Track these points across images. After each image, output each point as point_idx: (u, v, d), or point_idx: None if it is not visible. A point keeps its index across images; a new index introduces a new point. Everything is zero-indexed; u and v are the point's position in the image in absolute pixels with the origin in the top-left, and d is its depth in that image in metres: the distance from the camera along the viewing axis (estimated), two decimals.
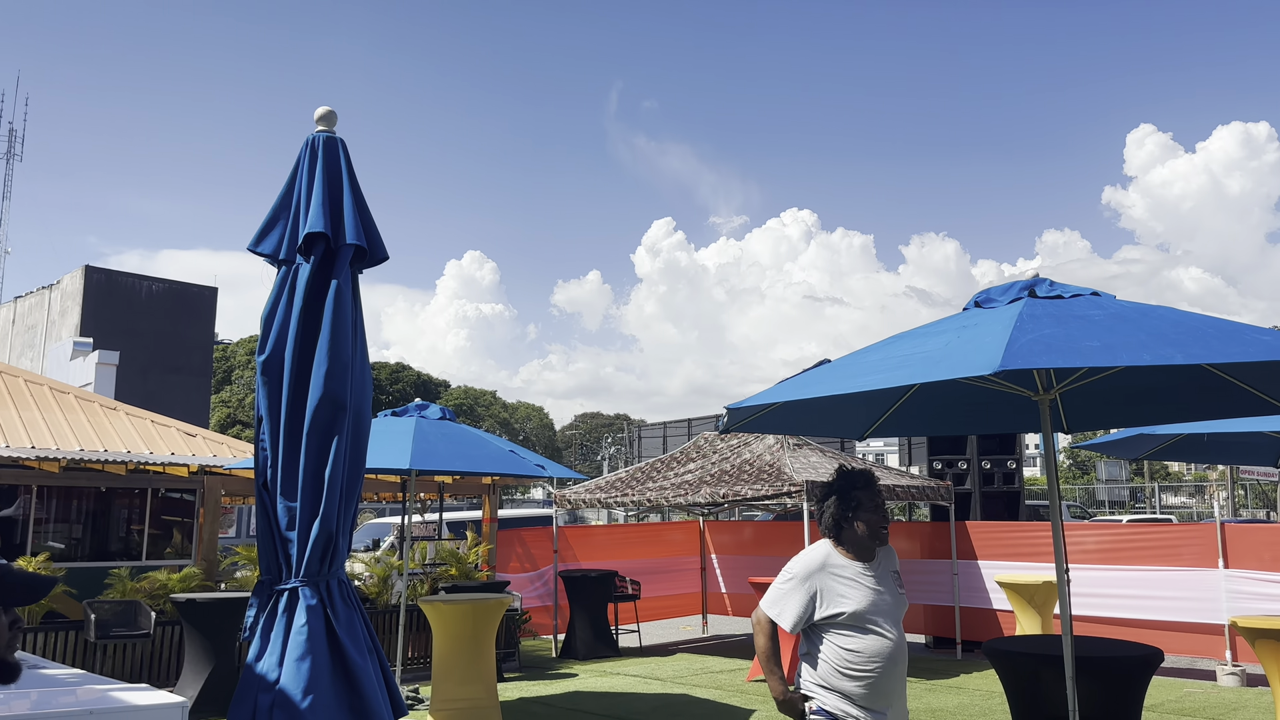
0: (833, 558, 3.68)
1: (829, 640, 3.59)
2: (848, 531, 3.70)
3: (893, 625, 3.63)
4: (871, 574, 3.67)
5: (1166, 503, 45.36)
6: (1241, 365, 4.81)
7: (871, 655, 3.56)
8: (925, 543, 12.06)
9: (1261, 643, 6.09)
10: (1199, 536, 10.11)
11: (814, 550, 3.74)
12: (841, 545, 3.71)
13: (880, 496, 3.79)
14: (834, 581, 3.62)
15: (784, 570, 3.75)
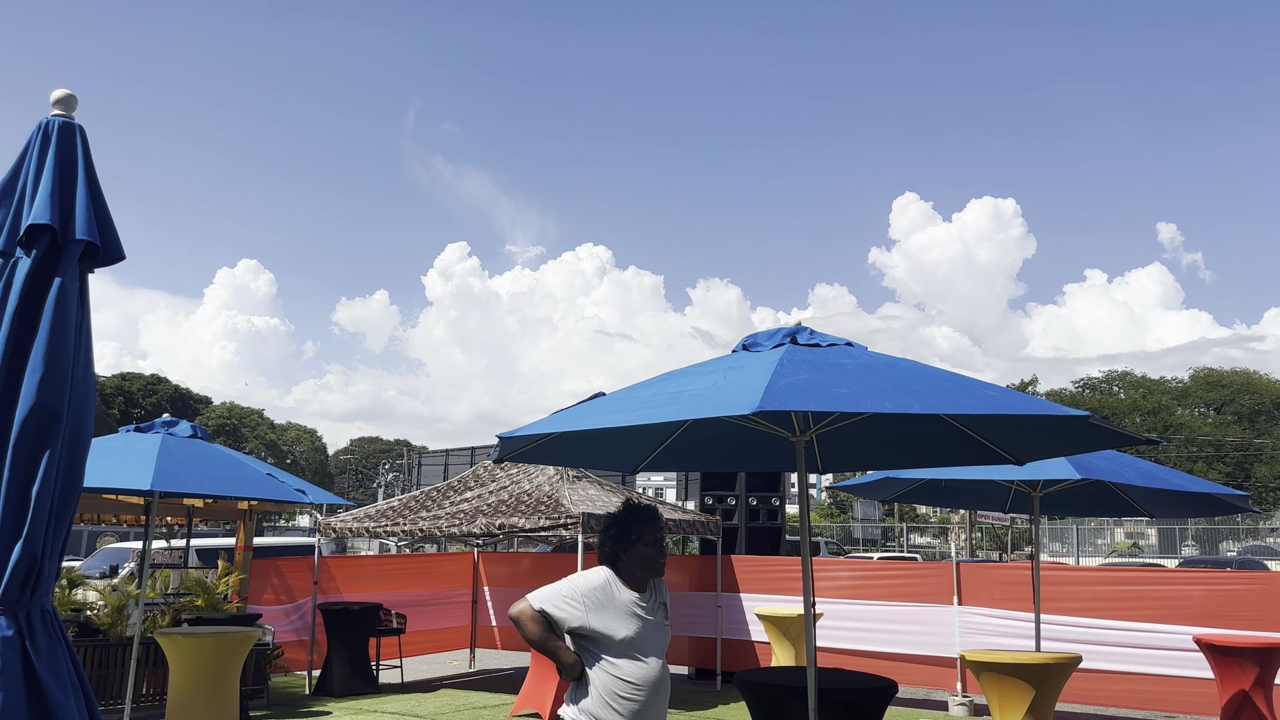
0: (612, 582, 3.77)
1: (598, 668, 3.66)
2: (625, 562, 3.81)
3: (658, 656, 3.75)
4: (644, 604, 3.78)
5: (914, 542, 48.88)
6: (974, 417, 5.24)
7: (638, 684, 3.65)
8: (694, 575, 12.37)
9: (985, 675, 6.61)
10: (937, 575, 10.92)
11: (595, 572, 3.83)
12: (619, 574, 3.81)
13: (661, 532, 3.91)
14: (608, 605, 3.71)
15: (563, 580, 3.80)
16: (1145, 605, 9.82)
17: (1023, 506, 8.45)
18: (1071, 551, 35.48)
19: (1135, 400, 56.68)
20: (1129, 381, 59.83)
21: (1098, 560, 36.35)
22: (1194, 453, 53.59)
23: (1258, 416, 56.27)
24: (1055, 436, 4.97)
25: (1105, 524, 45.88)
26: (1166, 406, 56.20)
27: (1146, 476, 6.61)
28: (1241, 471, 52.36)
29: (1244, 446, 53.00)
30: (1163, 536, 42.72)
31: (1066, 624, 10.08)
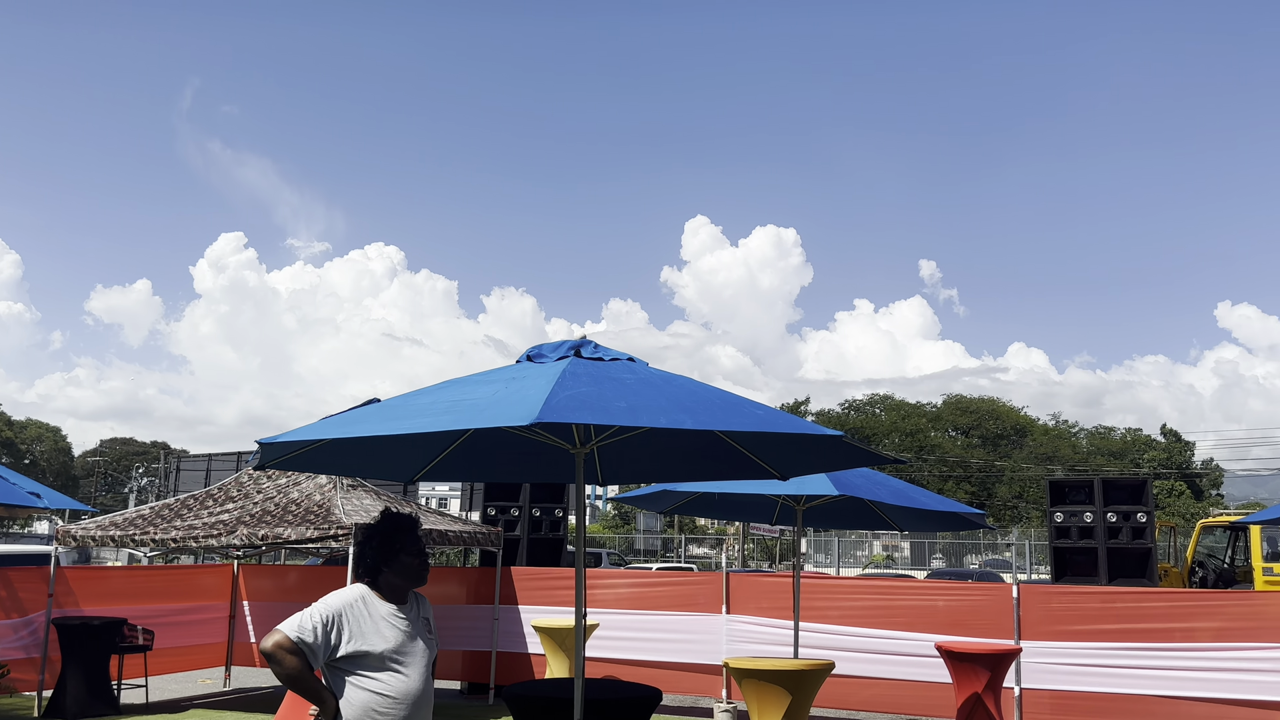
0: (367, 597, 3.65)
1: (354, 684, 3.53)
2: (386, 574, 3.70)
3: (420, 670, 3.65)
4: (404, 617, 3.69)
5: (693, 553, 50.39)
6: (743, 434, 5.46)
7: (398, 698, 3.55)
8: (472, 588, 12.18)
9: (746, 681, 6.88)
10: (709, 585, 11.29)
11: (349, 588, 3.69)
12: (378, 586, 3.70)
13: (421, 542, 3.81)
14: (365, 620, 3.58)
15: (315, 603, 3.62)
16: (896, 614, 10.53)
17: (789, 519, 8.88)
18: (834, 562, 37.66)
19: (895, 422, 61.03)
20: (889, 405, 64.37)
21: (856, 571, 38.77)
22: (945, 472, 58.26)
23: (1000, 441, 61.95)
24: (814, 454, 5.25)
25: (865, 537, 49.08)
26: (922, 429, 60.89)
27: (897, 494, 7.10)
28: (984, 490, 57.43)
29: (987, 468, 58.18)
30: (915, 549, 46.13)
31: (825, 631, 10.66)
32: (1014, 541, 43.32)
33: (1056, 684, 9.78)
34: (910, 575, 30.51)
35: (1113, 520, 11.66)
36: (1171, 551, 21.22)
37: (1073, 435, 65.16)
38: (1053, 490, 12.15)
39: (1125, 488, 11.92)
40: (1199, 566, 17.43)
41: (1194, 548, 17.55)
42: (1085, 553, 11.84)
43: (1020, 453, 60.08)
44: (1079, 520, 11.81)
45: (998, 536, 47.85)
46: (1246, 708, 9.16)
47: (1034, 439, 62.27)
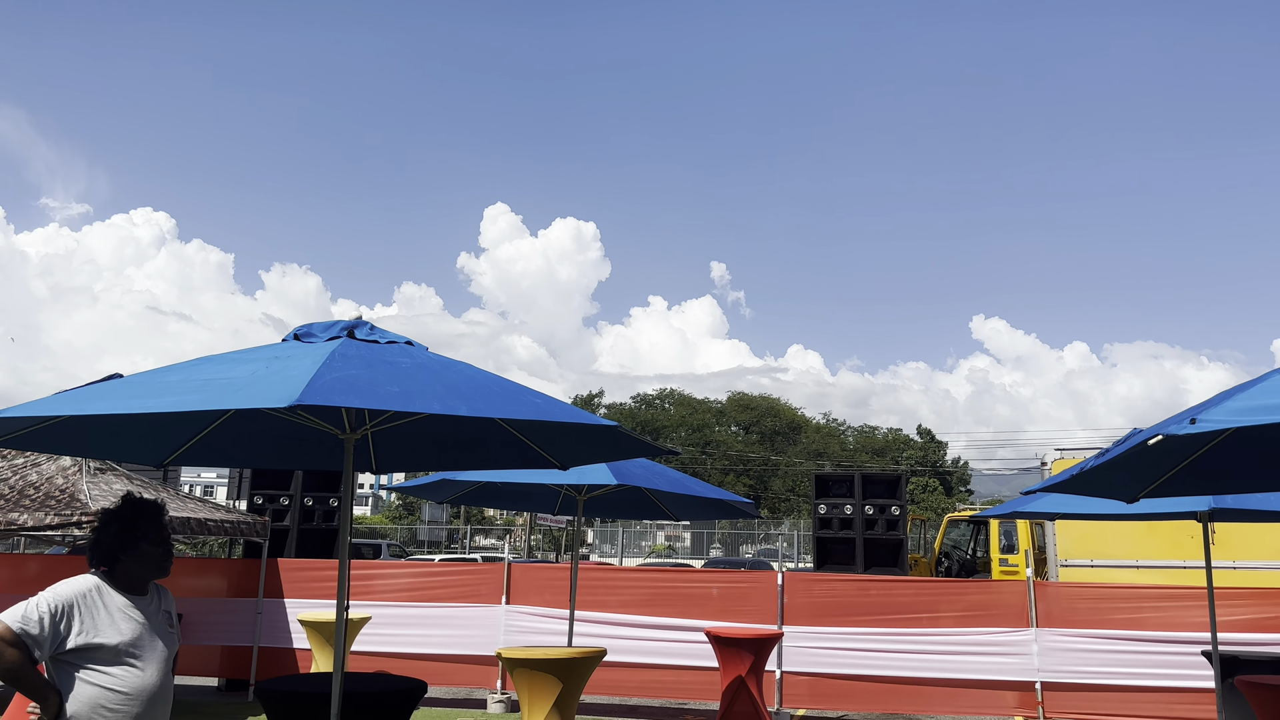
0: (102, 587, 3.42)
1: (83, 679, 3.28)
2: (126, 562, 3.47)
3: (157, 666, 3.44)
4: (141, 609, 3.47)
5: (480, 544, 49.89)
6: (524, 423, 5.41)
7: (131, 694, 3.33)
8: (235, 580, 11.51)
9: (518, 672, 6.85)
10: (490, 576, 11.19)
11: (81, 577, 3.43)
12: (114, 575, 3.47)
13: (166, 530, 3.59)
14: (99, 612, 3.35)
15: (42, 592, 3.34)
16: (671, 602, 10.82)
17: (571, 509, 8.92)
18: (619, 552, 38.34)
19: (683, 416, 62.85)
20: (678, 400, 66.24)
21: (639, 561, 39.65)
22: (726, 465, 60.56)
23: (776, 437, 65.04)
24: (593, 444, 5.28)
25: (649, 527, 50.25)
26: (707, 424, 63.01)
27: (673, 484, 7.28)
28: (761, 483, 60.16)
29: (764, 462, 60.95)
30: (695, 539, 47.71)
31: (602, 621, 10.81)
32: (786, 532, 45.61)
33: (815, 667, 10.36)
34: (689, 564, 31.51)
35: (870, 513, 12.46)
36: (921, 543, 22.99)
37: (842, 433, 69.37)
38: (818, 484, 12.85)
39: (882, 482, 12.77)
40: (945, 557, 18.95)
41: (941, 540, 19.07)
42: (845, 543, 12.60)
43: (795, 448, 63.37)
44: (840, 512, 12.55)
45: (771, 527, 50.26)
46: (982, 688, 10.04)
47: (807, 436, 65.84)
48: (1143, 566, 13.37)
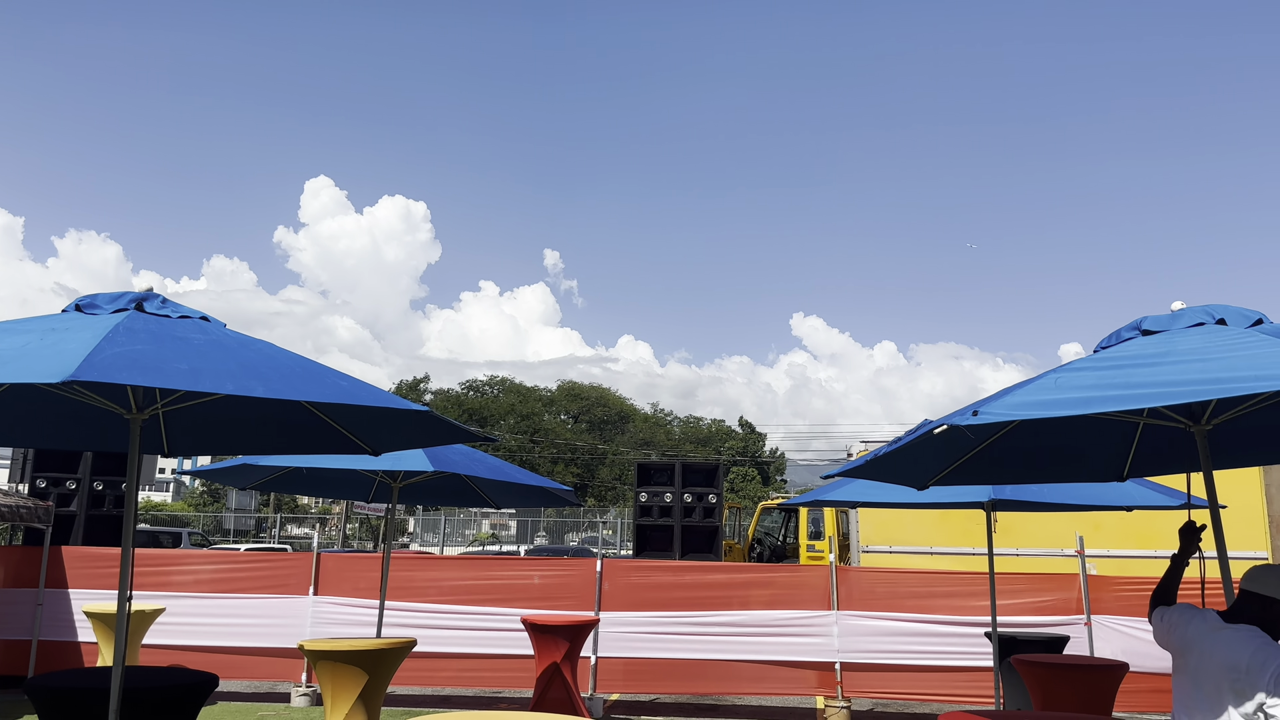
0: None
1: None
2: None
3: None
4: None
5: (292, 533, 47.93)
6: (333, 406, 5.22)
7: None
8: (12, 570, 10.60)
9: (321, 664, 6.62)
10: (298, 566, 10.76)
11: None
12: None
13: None
14: None
15: None
16: (490, 591, 10.73)
17: (386, 496, 8.68)
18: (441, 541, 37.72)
19: (512, 404, 62.45)
20: (508, 387, 65.75)
21: (461, 550, 39.15)
22: (555, 454, 60.60)
23: (606, 426, 65.62)
24: (405, 429, 5.15)
25: (474, 515, 49.70)
26: (537, 412, 62.86)
27: (493, 470, 7.21)
28: (589, 472, 60.54)
29: (593, 451, 61.38)
30: (520, 528, 47.53)
31: (416, 610, 10.59)
32: (611, 520, 46.11)
33: (630, 651, 10.51)
34: (513, 553, 31.38)
35: (689, 501, 12.75)
36: (736, 530, 23.74)
37: (668, 423, 70.75)
38: (640, 472, 13.04)
39: (701, 471, 13.08)
40: (757, 543, 19.65)
41: (754, 527, 19.76)
42: (664, 530, 12.84)
43: (623, 437, 64.15)
44: (660, 500, 12.78)
45: (597, 515, 50.70)
46: (787, 668, 10.45)
47: (635, 425, 66.79)
48: (936, 553, 14.26)
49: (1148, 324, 3.52)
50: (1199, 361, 2.92)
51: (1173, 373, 2.90)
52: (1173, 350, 3.10)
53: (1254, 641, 3.23)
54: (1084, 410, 2.86)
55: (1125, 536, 13.31)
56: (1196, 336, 3.21)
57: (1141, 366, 3.05)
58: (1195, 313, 3.44)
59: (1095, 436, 4.83)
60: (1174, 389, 2.78)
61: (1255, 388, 2.64)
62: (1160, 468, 4.91)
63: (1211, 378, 2.77)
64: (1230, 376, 2.75)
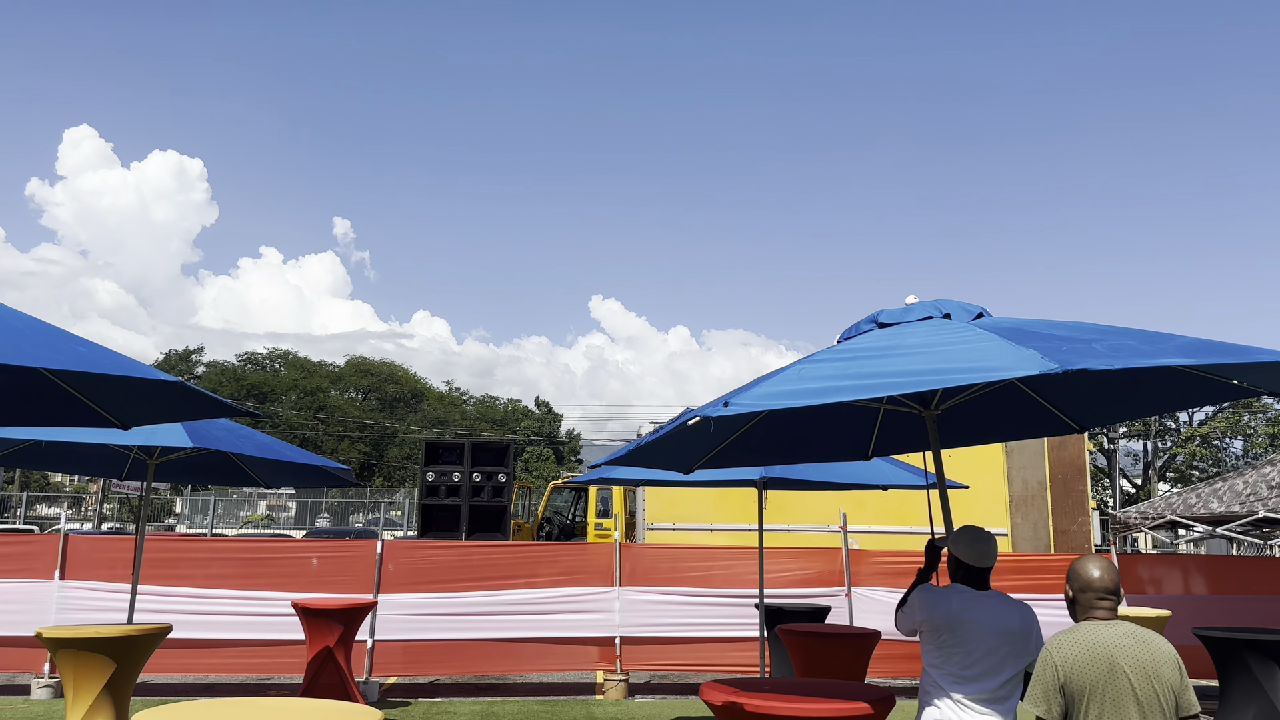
0: None
1: None
2: None
3: None
4: None
5: (43, 513, 43.93)
6: (76, 374, 4.82)
7: None
8: None
9: (62, 653, 6.13)
10: (43, 548, 9.90)
11: None
12: None
13: None
14: None
15: None
16: (261, 575, 10.25)
17: (141, 473, 8.12)
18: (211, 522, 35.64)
19: (296, 379, 59.67)
20: (291, 361, 62.75)
21: (234, 531, 37.17)
22: (342, 431, 58.49)
23: (397, 404, 63.98)
24: (158, 401, 4.83)
25: (250, 496, 47.23)
26: (323, 388, 60.38)
27: (261, 448, 6.87)
28: (378, 452, 58.86)
29: (382, 429, 59.70)
30: (300, 509, 45.63)
31: (176, 595, 9.99)
32: (400, 500, 45.11)
33: (411, 633, 10.35)
34: (289, 535, 30.10)
35: (477, 480, 12.67)
36: (526, 509, 23.80)
37: (463, 402, 69.84)
38: (428, 451, 12.83)
39: (491, 450, 13.02)
40: (547, 522, 19.79)
41: (544, 506, 19.89)
42: (450, 510, 12.70)
43: (415, 416, 62.76)
44: (448, 480, 12.62)
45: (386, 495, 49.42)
46: (570, 645, 10.58)
47: (429, 404, 65.49)
48: (716, 529, 14.84)
49: (883, 317, 3.81)
50: (924, 354, 3.19)
51: (901, 364, 3.15)
52: (902, 343, 3.36)
53: (1017, 607, 3.66)
54: (822, 400, 3.06)
55: (884, 514, 14.33)
56: (924, 330, 3.50)
57: (875, 358, 3.29)
58: (925, 307, 3.76)
59: (843, 420, 5.17)
60: (900, 380, 3.03)
61: (969, 379, 2.92)
62: (901, 448, 5.33)
63: (933, 369, 3.03)
64: (949, 368, 3.02)
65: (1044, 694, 2.93)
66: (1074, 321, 3.54)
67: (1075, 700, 2.89)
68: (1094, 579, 3.04)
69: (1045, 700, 2.93)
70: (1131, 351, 2.94)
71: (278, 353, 63.52)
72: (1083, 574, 3.07)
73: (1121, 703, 2.85)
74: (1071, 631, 2.97)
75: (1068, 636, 2.96)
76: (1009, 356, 3.02)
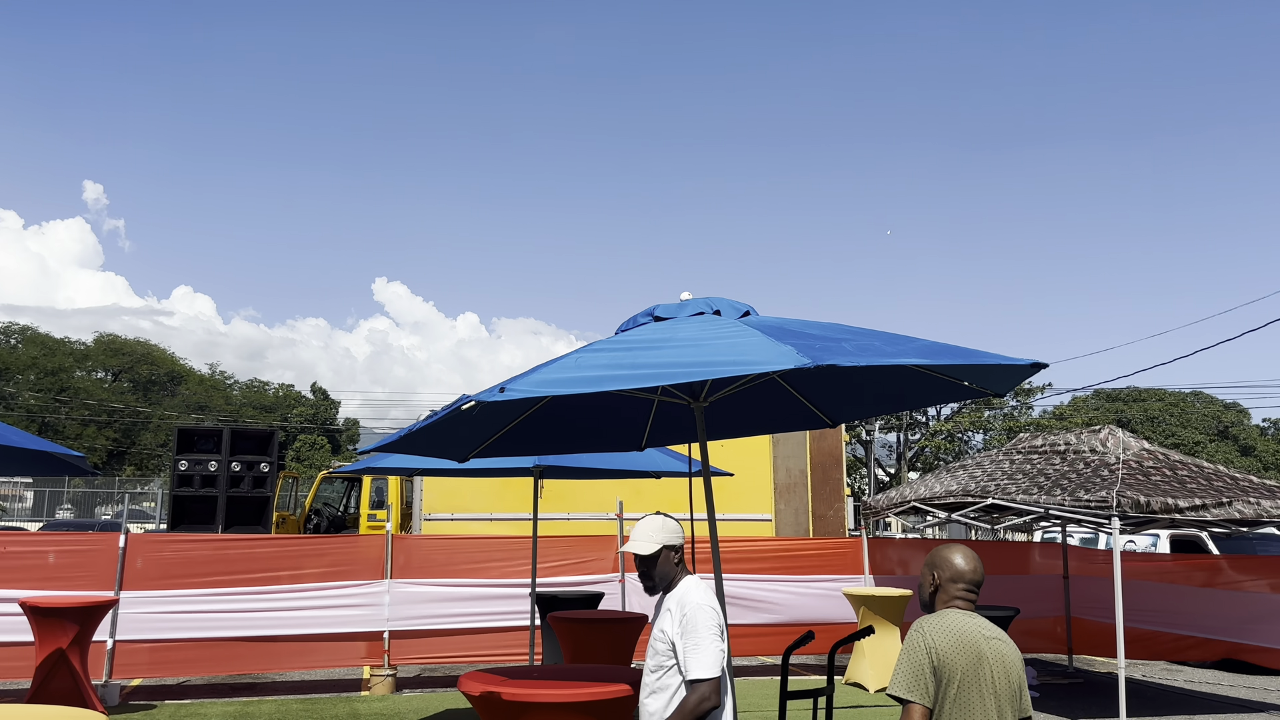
0: None
1: None
2: None
3: None
4: None
5: None
6: None
7: None
8: None
9: None
10: None
11: None
12: None
13: None
14: None
15: None
16: None
17: None
18: None
19: (35, 357, 54.15)
20: (31, 337, 56.90)
21: None
22: (88, 416, 53.68)
23: (152, 387, 59.36)
24: None
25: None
26: (67, 368, 55.12)
27: None
28: (128, 438, 54.42)
29: (134, 414, 55.24)
30: (39, 499, 41.57)
31: None
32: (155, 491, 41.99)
33: (157, 633, 9.63)
34: (23, 528, 27.36)
35: (237, 470, 11.96)
36: (293, 501, 22.74)
37: (228, 387, 65.75)
38: (181, 438, 11.99)
39: (254, 438, 12.33)
40: (315, 514, 18.96)
41: (313, 496, 19.05)
42: (206, 501, 11.93)
43: (173, 400, 58.48)
44: (204, 469, 11.85)
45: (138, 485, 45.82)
46: (335, 641, 10.18)
47: (189, 387, 61.17)
48: (496, 519, 14.75)
49: (659, 311, 3.92)
50: (694, 347, 3.30)
51: (672, 355, 3.24)
52: (675, 336, 3.47)
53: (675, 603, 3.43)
54: (597, 388, 3.09)
55: (661, 502, 14.74)
56: (695, 325, 3.62)
57: (649, 349, 3.37)
58: (698, 303, 3.89)
59: (619, 411, 5.26)
60: (670, 370, 3.11)
61: (732, 372, 3.04)
62: (674, 439, 5.49)
63: (701, 361, 3.14)
64: (715, 361, 3.13)
65: (917, 677, 2.84)
66: (829, 323, 3.76)
67: (941, 686, 2.83)
68: (965, 571, 3.03)
69: (920, 683, 2.84)
70: (876, 351, 3.15)
71: (15, 327, 57.35)
72: (953, 564, 3.05)
73: (983, 693, 2.84)
74: (940, 618, 2.93)
75: (938, 622, 2.91)
76: (769, 352, 3.16)
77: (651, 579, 3.49)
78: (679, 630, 3.30)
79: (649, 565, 3.47)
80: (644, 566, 3.49)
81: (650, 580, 3.49)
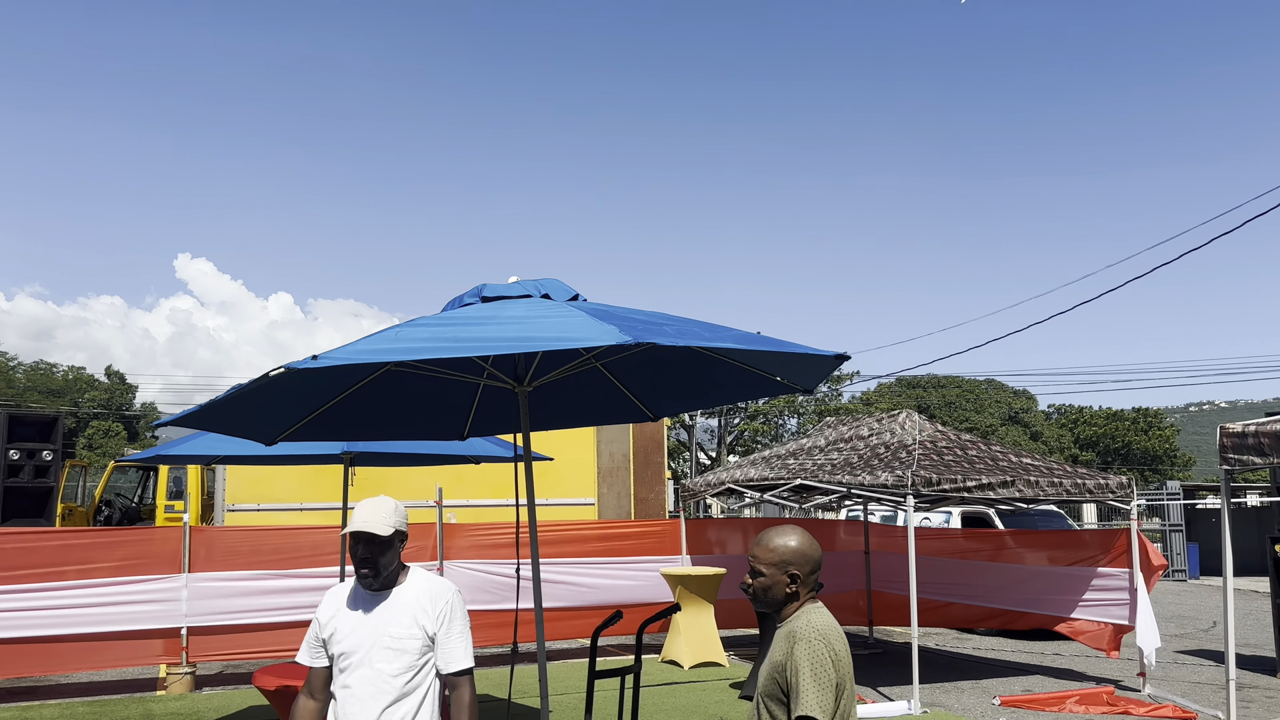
0: None
1: None
2: None
3: None
4: None
5: None
6: None
7: None
8: None
9: None
10: None
11: None
12: None
13: None
14: None
15: None
16: None
17: None
18: None
19: None
20: None
21: None
22: None
23: None
24: None
25: None
26: None
27: None
28: None
29: None
30: None
31: None
32: None
33: None
34: None
35: (16, 458, 10.99)
36: (81, 491, 21.09)
37: (11, 369, 60.32)
38: None
39: (35, 424, 11.37)
40: (106, 505, 17.65)
41: (104, 486, 17.73)
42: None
43: None
44: None
45: None
46: (128, 639, 9.52)
47: None
48: (305, 509, 14.15)
49: (488, 291, 3.86)
50: (518, 324, 3.27)
51: (494, 331, 3.20)
52: (500, 314, 3.44)
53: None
54: (413, 356, 3.02)
55: (481, 488, 14.57)
56: (522, 305, 3.60)
57: (473, 325, 3.32)
58: (527, 285, 3.86)
59: (442, 397, 5.14)
60: (493, 343, 3.08)
61: (555, 346, 3.04)
62: (498, 428, 5.41)
63: (524, 336, 3.12)
64: (539, 336, 3.12)
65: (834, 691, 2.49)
66: (652, 310, 3.81)
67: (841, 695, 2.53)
68: (820, 560, 2.68)
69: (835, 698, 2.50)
70: (695, 335, 3.22)
71: None
72: (813, 554, 2.67)
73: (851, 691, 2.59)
74: (821, 616, 2.60)
75: (827, 621, 2.60)
76: (592, 329, 3.16)
77: (376, 568, 3.00)
78: (438, 625, 3.02)
79: (379, 551, 2.99)
80: (371, 552, 2.98)
81: (374, 569, 2.99)
